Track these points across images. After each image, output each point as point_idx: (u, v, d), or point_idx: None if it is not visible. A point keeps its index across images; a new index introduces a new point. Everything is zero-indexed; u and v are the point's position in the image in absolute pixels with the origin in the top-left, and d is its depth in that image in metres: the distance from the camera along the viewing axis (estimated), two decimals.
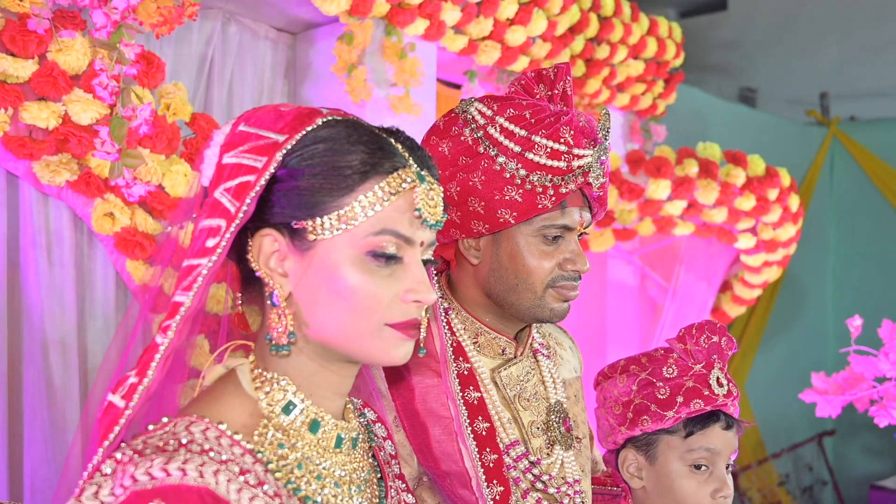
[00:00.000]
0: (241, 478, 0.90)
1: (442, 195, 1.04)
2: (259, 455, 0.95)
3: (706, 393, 1.60)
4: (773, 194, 3.55)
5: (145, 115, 2.21)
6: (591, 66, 3.58)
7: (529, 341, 1.56)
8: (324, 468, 1.01)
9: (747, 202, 3.50)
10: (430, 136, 1.47)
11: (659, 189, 3.39)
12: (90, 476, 0.91)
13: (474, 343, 1.49)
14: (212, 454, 0.90)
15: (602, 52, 3.57)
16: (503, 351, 1.51)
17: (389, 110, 2.78)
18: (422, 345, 1.05)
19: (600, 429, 1.72)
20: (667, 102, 4.02)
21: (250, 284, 1.04)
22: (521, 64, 3.26)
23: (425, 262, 1.03)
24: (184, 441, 0.91)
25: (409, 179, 0.98)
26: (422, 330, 1.02)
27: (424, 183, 1.00)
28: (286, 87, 3.01)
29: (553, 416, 1.52)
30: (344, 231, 0.96)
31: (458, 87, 3.46)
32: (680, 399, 1.59)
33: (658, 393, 1.61)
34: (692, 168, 3.41)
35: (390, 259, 0.98)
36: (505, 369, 1.50)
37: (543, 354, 1.59)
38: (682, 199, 3.45)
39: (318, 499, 0.98)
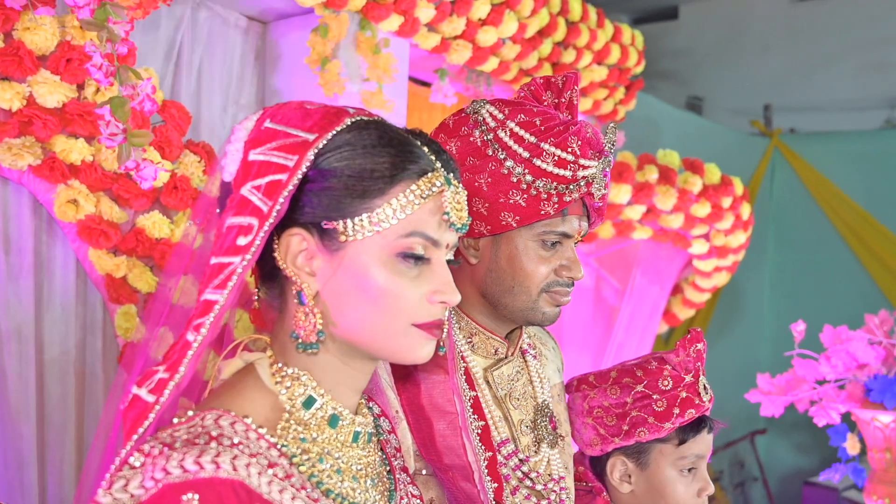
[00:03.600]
0: (270, 471, 0.92)
1: (466, 198, 1.05)
2: (283, 449, 0.97)
3: (697, 402, 1.66)
4: (726, 202, 3.64)
5: (147, 90, 2.15)
6: (556, 70, 3.61)
7: (520, 342, 1.59)
8: (343, 462, 1.02)
9: (703, 209, 3.58)
10: (437, 133, 1.49)
11: (620, 194, 3.44)
12: (118, 469, 0.91)
13: (469, 343, 1.52)
14: (241, 447, 0.91)
15: (568, 56, 3.60)
16: (496, 351, 1.54)
17: (361, 105, 2.77)
18: (442, 343, 1.07)
19: (582, 437, 1.74)
20: (627, 108, 4.09)
21: (268, 281, 1.05)
22: (490, 64, 3.28)
23: (447, 263, 1.05)
24: (214, 434, 0.91)
25: (438, 183, 1.00)
26: (444, 330, 1.04)
27: (452, 186, 1.02)
28: (255, 77, 2.96)
29: (540, 415, 1.56)
30: (375, 233, 0.97)
31: (426, 84, 3.45)
32: (676, 410, 1.64)
33: (655, 405, 1.65)
34: (652, 174, 3.48)
35: (419, 261, 1.00)
36: (497, 369, 1.53)
37: (531, 355, 1.63)
38: (641, 203, 3.51)
39: (339, 492, 1.00)
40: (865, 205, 6.29)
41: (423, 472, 1.39)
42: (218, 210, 1.04)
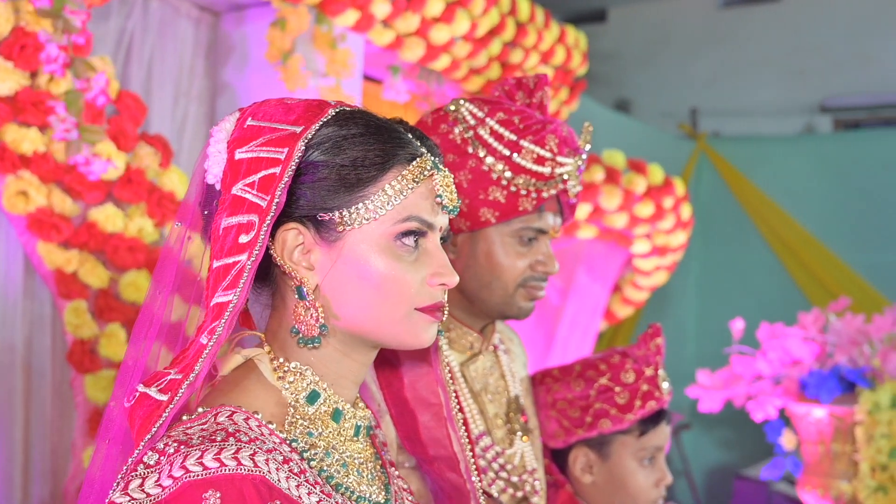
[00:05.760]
0: (286, 466, 0.91)
1: (454, 181, 1.07)
2: (293, 444, 0.96)
3: (657, 394, 1.73)
4: (668, 202, 3.74)
5: (101, 84, 2.10)
6: (505, 70, 3.66)
7: (492, 337, 1.62)
8: (347, 456, 1.02)
9: (646, 209, 3.67)
10: None
11: None
12: (133, 468, 0.89)
13: (445, 337, 1.54)
14: (258, 443, 0.90)
15: (516, 56, 3.65)
16: (471, 345, 1.57)
17: None
18: (440, 328, 1.08)
19: (545, 429, 1.78)
20: (570, 109, 4.15)
21: (260, 279, 1.04)
22: (442, 62, 3.29)
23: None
24: (231, 430, 0.90)
25: (428, 167, 1.01)
26: (444, 312, 1.05)
27: (440, 170, 1.03)
28: (207, 69, 2.91)
29: (513, 409, 1.61)
30: (372, 220, 0.98)
31: (376, 81, 3.45)
32: (638, 403, 1.70)
33: (617, 398, 1.71)
34: (598, 174, 3.54)
35: (417, 245, 1.00)
36: (472, 363, 1.56)
37: (502, 350, 1.67)
38: (586, 202, 3.57)
39: (347, 485, 1.00)
40: (786, 207, 6.52)
41: (406, 464, 1.41)
42: (206, 212, 1.02)
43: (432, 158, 1.03)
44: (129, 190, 2.35)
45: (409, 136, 1.03)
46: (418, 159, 1.00)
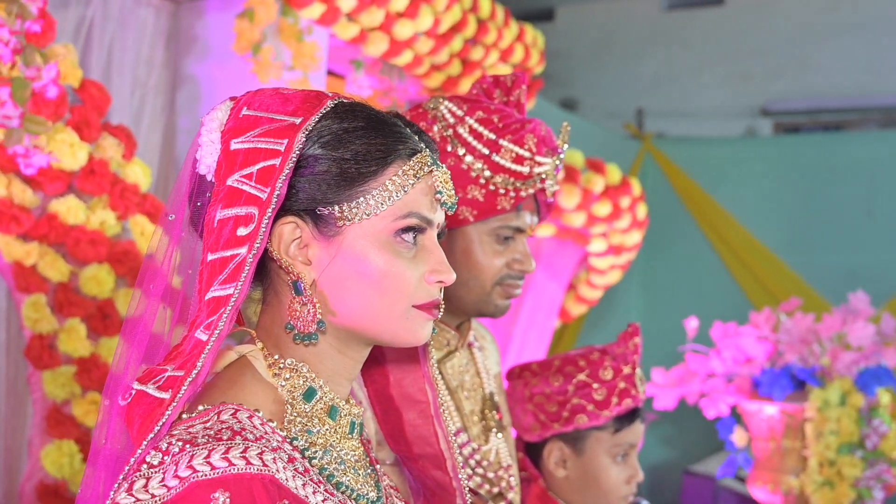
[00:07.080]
0: (291, 465, 0.90)
1: (450, 177, 1.06)
2: (294, 442, 0.95)
3: (633, 392, 1.77)
4: (625, 202, 3.79)
5: (52, 75, 2.03)
6: (465, 67, 3.66)
7: (468, 334, 1.63)
8: (343, 453, 1.01)
9: (604, 208, 3.71)
10: None
11: None
12: (135, 468, 0.86)
13: None
14: (263, 442, 0.89)
15: (477, 53, 3.66)
16: (448, 342, 1.58)
17: None
18: (434, 327, 1.07)
19: (521, 423, 1.80)
20: (527, 108, 4.17)
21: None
22: (405, 58, 3.29)
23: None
24: (237, 429, 0.88)
25: (428, 163, 1.00)
26: (440, 309, 1.04)
27: (439, 166, 1.02)
28: (167, 59, 2.84)
29: (487, 406, 1.62)
30: (372, 216, 0.96)
31: (338, 76, 3.42)
32: (615, 400, 1.74)
33: (595, 394, 1.74)
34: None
35: (416, 241, 0.99)
36: (449, 360, 1.58)
37: (476, 347, 1.68)
38: None
39: (346, 483, 0.99)
40: (729, 208, 6.67)
41: (387, 461, 1.41)
42: (199, 203, 1.00)
43: (431, 154, 1.02)
44: (92, 181, 2.28)
45: (408, 130, 1.02)
46: (418, 155, 0.99)
